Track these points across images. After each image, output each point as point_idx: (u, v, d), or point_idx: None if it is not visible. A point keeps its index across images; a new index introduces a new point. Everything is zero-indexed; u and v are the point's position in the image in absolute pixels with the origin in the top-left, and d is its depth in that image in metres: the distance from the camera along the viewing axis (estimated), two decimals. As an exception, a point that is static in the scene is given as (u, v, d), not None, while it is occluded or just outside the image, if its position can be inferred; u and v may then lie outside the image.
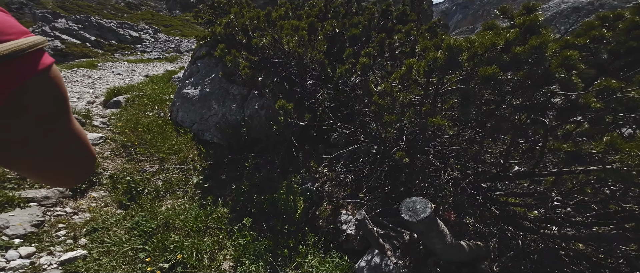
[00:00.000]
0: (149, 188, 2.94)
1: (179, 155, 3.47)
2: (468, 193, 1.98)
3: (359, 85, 2.31)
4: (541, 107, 1.60)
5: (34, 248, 2.02)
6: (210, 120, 3.89)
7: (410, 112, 1.75)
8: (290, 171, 3.33)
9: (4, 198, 2.39)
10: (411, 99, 1.76)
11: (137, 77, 8.17)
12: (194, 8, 5.17)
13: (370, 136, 2.37)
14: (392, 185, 2.38)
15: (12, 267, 1.85)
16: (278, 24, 3.29)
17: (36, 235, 2.15)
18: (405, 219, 1.45)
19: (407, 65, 1.59)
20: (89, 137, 3.62)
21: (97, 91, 6.06)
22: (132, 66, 9.81)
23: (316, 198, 2.98)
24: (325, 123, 2.98)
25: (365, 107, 2.29)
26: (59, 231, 2.26)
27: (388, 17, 2.98)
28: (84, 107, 4.77)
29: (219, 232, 2.49)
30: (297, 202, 2.75)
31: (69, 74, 7.14)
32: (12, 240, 2.04)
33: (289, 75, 3.70)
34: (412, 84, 1.69)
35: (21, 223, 2.18)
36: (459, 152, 1.95)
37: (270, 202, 2.74)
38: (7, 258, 1.90)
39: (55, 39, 14.69)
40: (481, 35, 1.54)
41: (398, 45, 2.28)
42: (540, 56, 1.40)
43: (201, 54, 4.67)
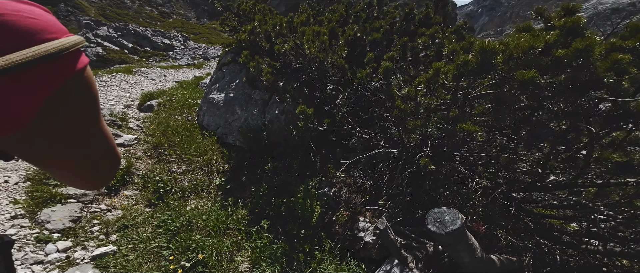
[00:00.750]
0: (176, 188, 2.99)
1: (204, 157, 3.53)
2: (499, 204, 1.81)
3: (380, 89, 2.21)
4: (585, 114, 1.42)
5: (70, 243, 2.10)
6: (233, 124, 3.94)
7: (437, 117, 1.62)
8: (308, 175, 3.27)
9: (48, 195, 2.52)
10: (437, 104, 1.64)
11: (169, 82, 8.53)
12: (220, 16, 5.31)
13: (391, 141, 2.25)
14: (415, 192, 2.24)
15: (49, 260, 1.93)
16: (299, 30, 3.26)
17: (73, 230, 2.24)
18: (432, 231, 1.33)
19: (434, 69, 1.47)
20: (124, 138, 3.79)
21: (133, 95, 6.37)
22: (164, 72, 10.27)
23: (333, 204, 2.89)
24: (344, 128, 2.89)
25: (387, 112, 2.18)
26: (93, 227, 2.34)
27: (411, 20, 2.85)
28: (121, 110, 5.01)
29: (237, 233, 2.48)
30: (314, 206, 2.68)
31: (108, 78, 7.58)
32: (52, 235, 2.13)
33: (309, 80, 3.66)
34: (439, 88, 1.56)
35: (61, 218, 2.28)
36: (489, 159, 1.79)
37: (288, 205, 2.70)
38: (46, 252, 1.98)
39: (98, 46, 15.74)
40: (516, 37, 1.39)
41: (422, 48, 2.15)
42: (585, 60, 1.24)
43: (226, 61, 4.76)
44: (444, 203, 2.10)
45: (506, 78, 1.27)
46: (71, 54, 0.36)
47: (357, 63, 2.91)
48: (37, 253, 1.97)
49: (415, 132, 1.77)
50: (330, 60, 2.84)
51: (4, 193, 2.53)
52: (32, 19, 0.34)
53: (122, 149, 3.60)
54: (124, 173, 3.05)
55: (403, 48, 2.22)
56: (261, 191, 2.93)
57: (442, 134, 1.68)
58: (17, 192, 2.58)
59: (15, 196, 2.52)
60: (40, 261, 1.91)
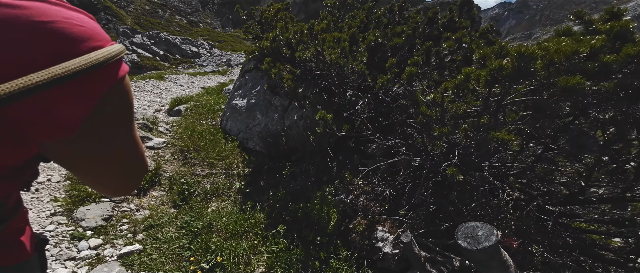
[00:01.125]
0: (199, 190, 3.05)
1: (226, 161, 3.59)
2: (534, 217, 1.65)
3: (402, 95, 2.12)
4: (637, 122, 1.27)
5: (100, 241, 2.19)
6: (254, 129, 3.98)
7: (467, 124, 1.52)
8: (324, 181, 3.22)
9: (84, 193, 2.65)
10: (466, 110, 1.53)
11: (195, 89, 8.86)
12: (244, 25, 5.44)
13: (413, 149, 2.15)
14: (439, 203, 2.11)
15: (81, 256, 2.01)
16: (320, 37, 3.25)
17: (104, 228, 2.33)
18: (463, 246, 1.23)
19: (463, 74, 1.38)
20: (154, 141, 3.95)
21: (163, 100, 6.67)
22: (191, 78, 10.71)
23: (350, 211, 2.81)
24: (363, 134, 2.82)
25: (409, 118, 2.09)
26: (123, 226, 2.42)
27: (434, 25, 2.74)
28: (152, 115, 5.25)
29: (255, 237, 2.47)
30: (331, 213, 2.61)
31: (142, 84, 8.00)
32: (85, 232, 2.23)
33: (328, 86, 3.63)
34: (469, 94, 1.46)
35: (94, 216, 2.39)
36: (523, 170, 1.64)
37: (304, 211, 2.65)
38: (79, 248, 2.07)
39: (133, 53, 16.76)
40: (556, 41, 1.27)
41: (447, 53, 2.05)
42: (638, 66, 1.10)
43: (249, 68, 4.86)
44: (472, 215, 1.96)
45: (546, 84, 1.16)
46: (116, 62, 0.37)
47: (377, 68, 2.84)
48: (71, 249, 2.07)
49: (440, 140, 1.67)
50: (350, 66, 2.79)
51: (46, 191, 2.70)
52: (81, 26, 0.35)
53: (152, 152, 3.74)
54: (153, 175, 3.15)
55: (427, 53, 2.13)
56: (278, 196, 2.92)
57: (471, 142, 1.57)
58: (58, 190, 2.74)
59: (56, 194, 2.68)
60: (72, 257, 2.00)
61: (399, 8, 3.21)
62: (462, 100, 1.50)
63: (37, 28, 0.31)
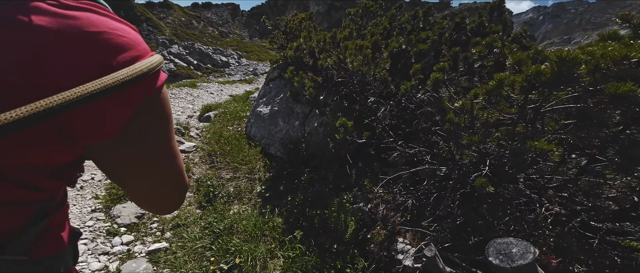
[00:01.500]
0: (223, 193, 3.13)
1: (249, 165, 3.66)
2: (577, 234, 1.48)
3: (427, 102, 2.03)
4: None
5: (132, 237, 2.30)
6: (276, 135, 4.04)
7: (500, 132, 1.40)
8: (342, 188, 3.16)
9: (122, 192, 2.82)
10: (498, 118, 1.42)
11: (224, 96, 9.24)
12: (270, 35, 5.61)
13: (438, 157, 2.03)
14: (467, 215, 1.97)
15: (113, 251, 2.12)
16: (342, 45, 3.25)
17: (136, 226, 2.45)
18: (494, 263, 1.12)
19: (496, 80, 1.28)
20: (185, 145, 4.14)
21: (195, 107, 7.02)
22: (221, 87, 11.20)
23: (368, 220, 2.71)
24: (385, 141, 2.73)
25: (435, 126, 1.99)
26: (153, 224, 2.53)
27: (462, 30, 2.62)
28: (185, 120, 5.53)
29: (272, 241, 2.47)
30: (348, 221, 2.54)
31: (177, 91, 8.51)
32: (119, 228, 2.36)
33: (349, 93, 3.60)
34: (502, 100, 1.36)
35: (128, 214, 2.52)
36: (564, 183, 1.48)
37: (321, 217, 2.61)
38: (112, 244, 2.19)
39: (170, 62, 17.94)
40: (602, 46, 1.14)
41: (477, 58, 1.93)
42: None
43: (273, 76, 4.97)
44: (505, 230, 1.80)
45: (592, 91, 1.04)
46: (156, 72, 0.39)
47: (400, 75, 2.76)
48: (105, 244, 2.20)
49: (470, 149, 1.56)
50: (372, 73, 2.74)
51: (89, 188, 2.91)
52: (124, 37, 0.36)
53: (183, 155, 3.92)
54: (182, 176, 3.29)
55: (454, 58, 2.02)
56: (296, 201, 2.91)
57: (504, 152, 1.45)
58: (99, 188, 2.95)
59: (97, 192, 2.88)
60: (106, 252, 2.12)
61: (423, 14, 3.12)
62: (494, 107, 1.39)
63: (87, 38, 0.33)
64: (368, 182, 3.04)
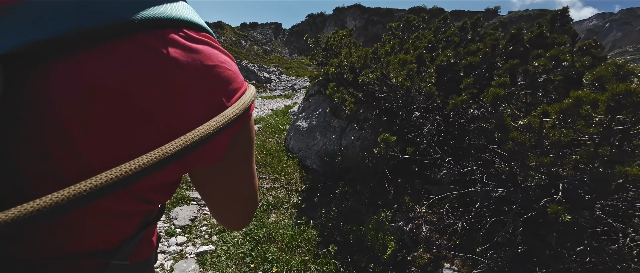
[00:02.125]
0: (263, 201, 3.21)
1: (287, 177, 3.73)
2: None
3: (481, 117, 1.85)
4: None
5: (185, 238, 2.45)
6: (313, 148, 4.08)
7: (579, 155, 1.20)
8: (379, 205, 3.00)
9: (179, 196, 3.06)
10: (574, 138, 1.22)
11: (266, 110, 9.72)
12: (310, 52, 5.80)
13: (496, 178, 1.82)
14: (530, 244, 1.70)
15: (169, 251, 2.28)
16: (384, 60, 3.19)
17: (189, 228, 2.62)
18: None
19: (573, 98, 1.11)
20: None
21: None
22: (263, 101, 11.84)
23: (409, 241, 2.51)
24: (430, 157, 2.55)
25: (491, 143, 1.80)
26: (203, 227, 2.68)
27: (519, 41, 2.39)
28: (231, 132, 5.90)
29: (306, 253, 2.42)
30: (387, 241, 2.38)
31: (225, 106, 9.17)
32: (176, 230, 2.54)
33: (391, 107, 3.49)
34: (579, 120, 1.17)
35: (184, 216, 2.71)
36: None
37: (356, 234, 2.49)
38: (169, 244, 2.36)
39: None
40: None
41: (541, 72, 1.72)
42: None
43: (313, 92, 5.09)
44: (580, 262, 1.51)
45: None
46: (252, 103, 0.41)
47: (447, 89, 2.59)
48: (163, 243, 2.37)
49: (537, 171, 1.37)
50: (417, 87, 2.62)
51: (153, 191, 3.22)
52: (229, 70, 0.38)
53: (229, 163, 4.16)
54: (229, 184, 3.47)
55: (512, 72, 1.83)
56: (331, 214, 2.84)
57: (582, 176, 1.23)
58: (162, 191, 3.24)
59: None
60: (163, 251, 2.28)
61: (472, 25, 2.93)
62: (569, 127, 1.20)
63: (206, 72, 0.35)
64: (409, 200, 2.86)
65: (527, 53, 2.42)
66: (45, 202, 0.23)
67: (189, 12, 0.36)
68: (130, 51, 0.30)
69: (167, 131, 0.32)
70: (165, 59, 0.32)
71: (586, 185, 1.36)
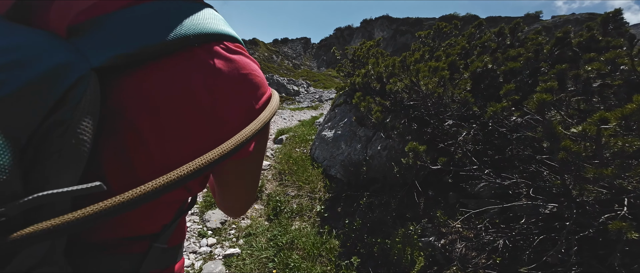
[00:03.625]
0: (287, 208, 3.23)
1: (311, 185, 3.73)
2: None
3: (525, 125, 1.70)
4: None
5: (215, 240, 2.54)
6: (337, 158, 4.05)
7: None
8: (408, 218, 2.85)
9: (213, 200, 3.21)
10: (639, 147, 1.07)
11: (294, 121, 9.95)
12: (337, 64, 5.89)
13: (545, 192, 1.63)
14: (588, 265, 1.49)
15: (200, 252, 2.38)
16: (413, 68, 3.12)
17: (219, 231, 2.71)
18: None
19: (637, 103, 0.98)
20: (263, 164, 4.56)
21: (271, 131, 7.74)
22: (292, 113, 12.15)
23: (441, 258, 2.33)
24: (466, 168, 2.38)
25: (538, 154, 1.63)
26: (231, 230, 2.76)
27: (566, 45, 2.18)
28: (262, 142, 6.10)
29: (328, 263, 2.36)
30: (415, 256, 2.23)
31: (257, 117, 9.53)
32: (207, 231, 2.65)
33: (420, 116, 3.36)
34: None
35: (215, 219, 2.83)
36: None
37: (381, 247, 2.37)
38: (200, 244, 2.46)
39: None
40: None
41: (595, 76, 1.54)
42: None
43: (339, 102, 5.11)
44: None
45: None
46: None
47: (484, 96, 2.44)
48: (195, 244, 2.48)
49: (595, 184, 1.20)
50: (450, 95, 2.51)
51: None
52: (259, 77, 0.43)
53: (258, 171, 4.29)
54: (258, 190, 3.56)
55: (560, 77, 1.67)
56: (354, 225, 2.76)
57: (655, 192, 1.06)
58: (199, 196, 3.43)
59: (198, 198, 3.35)
60: (195, 251, 2.38)
61: (510, 30, 2.75)
62: (635, 135, 1.05)
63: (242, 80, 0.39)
64: (441, 213, 2.68)
65: (577, 58, 2.20)
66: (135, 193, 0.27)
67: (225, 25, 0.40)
68: (186, 64, 0.35)
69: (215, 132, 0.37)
70: (213, 70, 0.36)
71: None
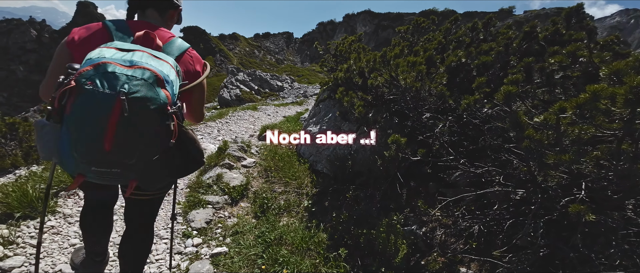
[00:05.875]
0: (275, 205, 3.23)
1: (298, 181, 3.73)
2: None
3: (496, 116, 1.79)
4: None
5: (201, 240, 2.49)
6: (323, 153, 4.07)
7: (600, 151, 1.14)
8: (391, 208, 2.94)
9: (196, 199, 3.13)
10: (595, 134, 1.16)
11: (279, 117, 9.83)
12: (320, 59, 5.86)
13: (513, 179, 1.74)
14: (554, 246, 1.61)
15: (185, 252, 2.33)
16: (393, 63, 3.17)
17: (204, 230, 2.67)
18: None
19: (589, 92, 1.05)
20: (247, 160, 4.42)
21: (255, 127, 7.61)
22: (276, 109, 11.98)
23: (423, 245, 2.44)
24: (443, 159, 2.48)
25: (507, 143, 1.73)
26: (217, 229, 2.72)
27: (533, 39, 2.30)
28: (247, 139, 5.99)
29: (317, 256, 2.40)
30: (399, 244, 2.32)
31: (242, 113, 9.37)
32: (192, 231, 2.59)
33: (401, 110, 3.44)
34: (599, 115, 1.11)
35: (200, 219, 2.77)
36: None
37: (367, 237, 2.44)
38: (185, 245, 2.41)
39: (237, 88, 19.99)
40: None
41: (557, 69, 1.65)
42: None
43: (323, 97, 5.12)
44: (608, 265, 1.40)
45: None
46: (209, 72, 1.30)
47: (459, 89, 2.53)
48: (180, 245, 2.43)
49: (557, 170, 1.30)
50: (427, 89, 2.58)
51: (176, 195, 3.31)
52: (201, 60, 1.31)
53: (245, 169, 4.22)
54: (243, 188, 3.51)
55: (527, 70, 1.77)
56: (341, 218, 2.81)
57: (606, 174, 1.16)
58: (181, 196, 3.34)
59: (180, 198, 3.26)
60: (180, 252, 2.33)
61: (483, 25, 2.86)
62: (589, 123, 1.14)
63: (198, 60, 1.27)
64: (422, 203, 2.78)
65: (543, 51, 2.33)
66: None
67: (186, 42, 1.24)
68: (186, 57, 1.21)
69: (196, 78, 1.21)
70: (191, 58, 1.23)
71: (614, 183, 1.27)
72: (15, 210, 2.41)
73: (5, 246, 2.08)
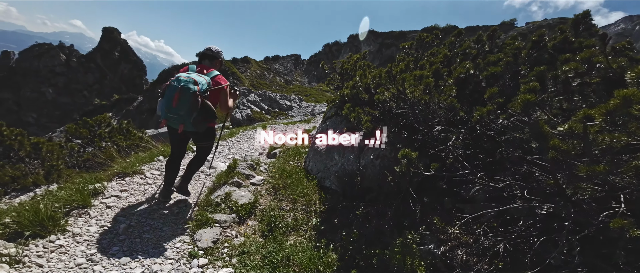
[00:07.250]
0: (282, 223, 3.10)
1: (306, 198, 3.61)
2: None
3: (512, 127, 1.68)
4: None
5: (207, 260, 2.38)
6: (331, 169, 3.97)
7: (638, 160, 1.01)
8: (405, 226, 2.75)
9: (204, 218, 3.04)
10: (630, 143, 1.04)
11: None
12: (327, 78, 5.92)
13: (540, 192, 1.59)
14: (592, 265, 1.42)
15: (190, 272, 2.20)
16: (399, 78, 3.13)
17: (211, 250, 2.56)
18: None
19: (619, 98, 0.96)
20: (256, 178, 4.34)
21: (265, 145, 7.57)
22: (284, 127, 12.08)
23: (442, 266, 2.24)
24: (459, 173, 2.34)
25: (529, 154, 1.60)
26: (224, 249, 2.60)
27: (542, 48, 2.23)
28: (257, 157, 5.97)
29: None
30: (416, 266, 2.13)
31: (252, 132, 9.45)
32: (198, 251, 2.49)
33: (410, 123, 3.34)
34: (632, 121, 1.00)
35: (207, 239, 2.67)
36: None
37: (381, 258, 2.26)
38: (191, 265, 2.30)
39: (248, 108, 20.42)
40: None
41: (573, 76, 1.55)
42: None
43: (330, 114, 5.09)
44: None
45: None
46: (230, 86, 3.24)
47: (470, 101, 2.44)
48: (186, 265, 2.32)
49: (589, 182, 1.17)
50: (436, 101, 2.50)
51: (182, 214, 3.24)
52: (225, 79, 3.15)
53: (253, 187, 4.14)
54: (251, 206, 3.42)
55: (540, 78, 1.68)
56: (352, 237, 2.64)
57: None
58: (191, 214, 3.26)
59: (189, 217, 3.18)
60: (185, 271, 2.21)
61: (488, 37, 2.81)
62: (621, 130, 1.03)
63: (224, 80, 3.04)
64: (438, 220, 2.60)
65: (553, 60, 2.24)
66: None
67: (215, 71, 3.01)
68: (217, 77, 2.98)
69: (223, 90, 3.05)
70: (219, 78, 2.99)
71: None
72: (26, 229, 2.39)
73: (11, 265, 2.03)
